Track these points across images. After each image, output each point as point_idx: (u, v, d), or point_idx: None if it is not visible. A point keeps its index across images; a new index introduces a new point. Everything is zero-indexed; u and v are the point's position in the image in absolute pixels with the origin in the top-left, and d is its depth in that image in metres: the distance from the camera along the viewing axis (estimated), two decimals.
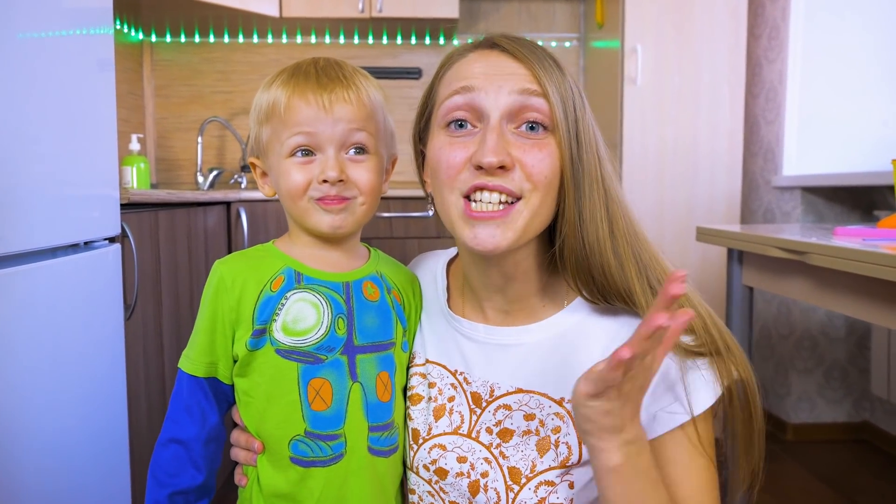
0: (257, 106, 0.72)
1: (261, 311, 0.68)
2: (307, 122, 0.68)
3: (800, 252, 1.14)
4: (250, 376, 0.69)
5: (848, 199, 2.41)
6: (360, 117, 0.69)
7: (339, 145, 0.69)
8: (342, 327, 0.69)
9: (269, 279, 0.69)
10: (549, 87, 0.64)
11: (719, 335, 0.67)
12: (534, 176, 0.64)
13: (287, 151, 0.69)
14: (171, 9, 2.40)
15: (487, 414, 0.71)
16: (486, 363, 0.73)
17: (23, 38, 0.95)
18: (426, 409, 0.74)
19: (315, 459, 0.68)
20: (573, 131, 0.65)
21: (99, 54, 1.19)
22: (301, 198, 0.69)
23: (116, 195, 1.21)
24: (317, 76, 0.69)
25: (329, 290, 0.70)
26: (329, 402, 0.68)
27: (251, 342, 0.68)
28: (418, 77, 2.88)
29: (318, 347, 0.68)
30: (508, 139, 0.64)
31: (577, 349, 0.69)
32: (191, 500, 0.71)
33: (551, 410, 0.69)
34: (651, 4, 2.37)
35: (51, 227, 1.02)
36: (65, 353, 1.04)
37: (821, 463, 2.29)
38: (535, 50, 0.67)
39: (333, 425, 0.68)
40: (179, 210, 1.61)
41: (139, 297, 1.32)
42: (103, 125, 1.19)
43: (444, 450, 0.72)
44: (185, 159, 2.86)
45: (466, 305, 0.77)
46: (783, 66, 2.47)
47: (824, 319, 2.47)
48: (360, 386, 0.69)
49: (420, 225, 2.33)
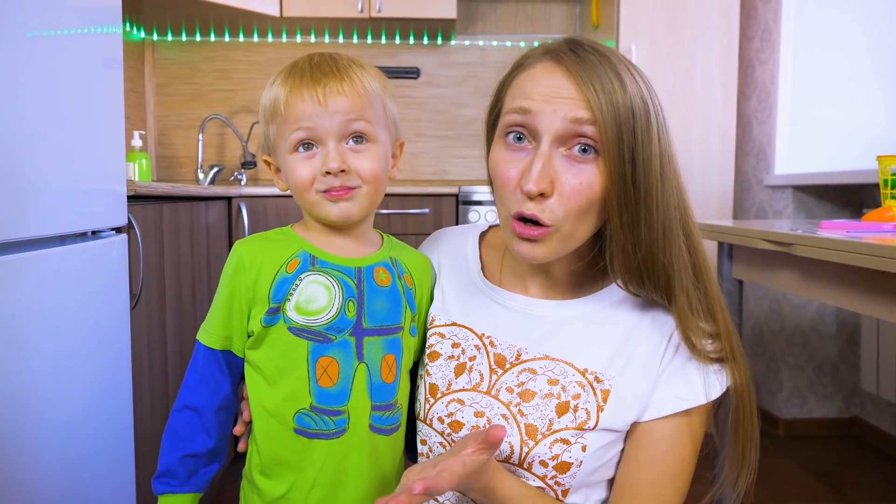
0: (262, 105, 0.75)
1: (276, 291, 0.72)
2: (305, 118, 0.71)
3: (786, 244, 1.17)
4: (262, 350, 0.73)
5: (839, 198, 2.45)
6: (356, 107, 0.72)
7: (339, 136, 0.72)
8: (352, 310, 0.73)
9: (285, 261, 0.73)
10: (600, 113, 0.66)
11: (730, 344, 0.75)
12: (567, 205, 0.68)
13: (290, 147, 0.72)
14: (172, 7, 2.43)
15: (510, 375, 0.76)
16: (516, 329, 0.78)
17: (32, 36, 0.97)
18: (446, 366, 0.79)
19: (318, 432, 0.72)
20: (629, 155, 0.67)
21: (107, 52, 1.22)
22: (308, 191, 0.72)
23: (123, 187, 1.24)
24: (311, 72, 0.72)
25: (341, 273, 0.74)
26: (335, 380, 0.71)
27: (266, 319, 0.72)
28: (416, 76, 2.92)
29: (328, 328, 0.71)
30: (554, 164, 0.69)
31: (604, 328, 0.76)
32: (201, 463, 0.74)
33: (574, 379, 0.74)
34: (645, 6, 2.41)
35: (60, 216, 1.05)
36: (72, 338, 1.07)
37: (812, 457, 2.33)
38: (597, 68, 0.68)
39: (338, 401, 0.72)
40: (182, 204, 1.64)
41: (144, 286, 1.35)
42: (111, 120, 1.22)
43: (462, 404, 0.77)
44: (185, 156, 2.89)
45: (505, 276, 0.82)
46: (775, 67, 2.52)
47: (815, 316, 2.51)
48: (366, 366, 0.73)
49: (418, 221, 2.36)
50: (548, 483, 0.73)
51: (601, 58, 0.69)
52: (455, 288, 0.84)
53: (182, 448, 0.73)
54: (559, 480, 0.72)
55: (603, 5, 2.60)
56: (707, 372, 0.73)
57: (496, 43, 2.95)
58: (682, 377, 0.73)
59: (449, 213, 2.37)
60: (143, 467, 1.36)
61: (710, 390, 0.73)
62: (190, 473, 0.73)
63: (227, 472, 1.98)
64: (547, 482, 0.73)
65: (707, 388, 0.73)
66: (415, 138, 2.92)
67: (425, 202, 2.35)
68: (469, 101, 2.96)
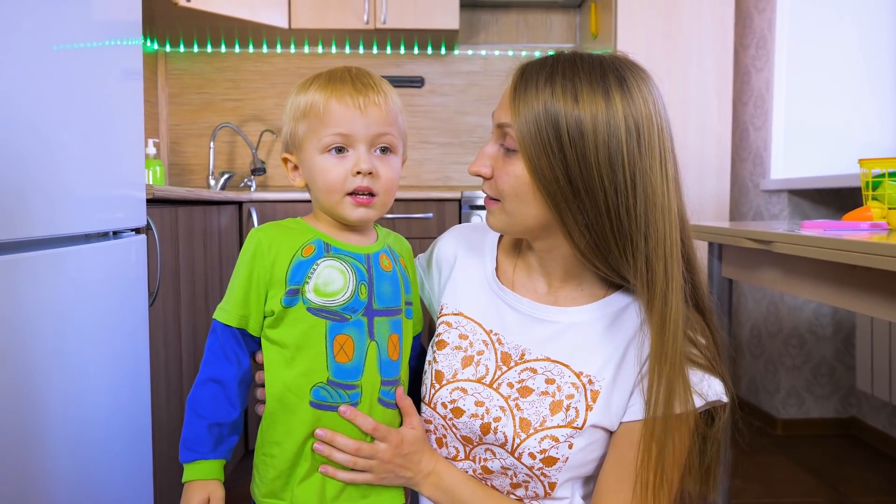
0: (294, 105, 0.81)
1: (293, 274, 0.78)
2: (344, 121, 0.78)
3: (767, 241, 1.24)
4: (282, 328, 0.79)
5: (833, 202, 2.50)
6: (387, 120, 0.80)
7: (370, 144, 0.79)
8: (364, 292, 0.79)
9: (300, 246, 0.80)
10: (519, 117, 0.74)
11: (715, 355, 0.79)
12: (497, 186, 0.79)
13: (323, 147, 0.78)
14: (185, 20, 2.52)
15: (513, 372, 0.82)
16: (522, 331, 0.84)
17: (58, 49, 1.03)
18: (453, 356, 0.85)
19: (333, 405, 0.78)
20: (551, 154, 0.72)
21: (128, 64, 1.27)
22: (336, 191, 0.79)
23: (142, 191, 1.31)
24: (352, 81, 0.79)
25: (353, 259, 0.81)
26: (351, 356, 0.78)
27: (286, 300, 0.78)
28: (420, 85, 2.99)
29: (345, 308, 0.78)
30: (493, 153, 0.80)
31: (603, 336, 0.81)
32: (224, 433, 0.81)
33: (570, 380, 0.80)
34: (642, 15, 2.48)
35: (86, 217, 1.11)
36: (93, 331, 1.13)
37: (808, 456, 2.36)
38: (539, 81, 0.74)
39: (353, 376, 0.78)
40: (196, 208, 1.72)
41: (161, 284, 1.42)
42: (131, 129, 1.27)
43: (465, 393, 0.82)
44: (197, 164, 2.97)
45: (517, 279, 0.88)
46: (770, 74, 2.57)
47: (811, 318, 2.55)
48: (376, 344, 0.80)
49: (422, 225, 2.43)
50: (535, 473, 0.79)
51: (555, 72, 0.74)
52: (468, 282, 0.90)
53: (209, 417, 0.79)
54: (545, 472, 0.78)
55: (601, 15, 2.67)
56: (699, 378, 0.76)
57: (498, 52, 3.03)
58: None
59: (452, 217, 2.44)
60: (160, 461, 1.41)
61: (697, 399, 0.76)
62: (217, 441, 0.79)
63: (234, 470, 2.04)
64: (534, 472, 0.79)
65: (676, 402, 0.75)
66: (419, 145, 3.00)
67: (429, 207, 2.42)
68: (472, 109, 3.03)
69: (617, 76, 0.74)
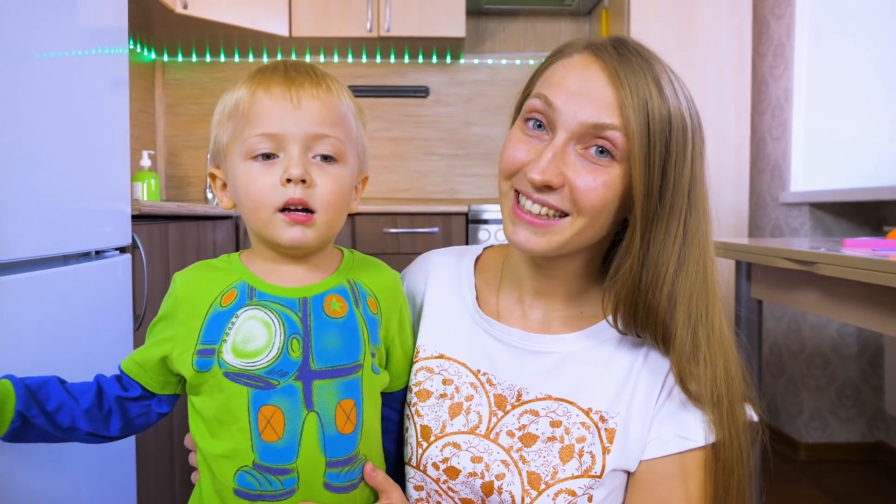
0: (219, 108, 0.67)
1: (208, 329, 0.63)
2: (273, 119, 0.62)
3: (809, 262, 1.13)
4: (201, 397, 0.65)
5: (857, 215, 2.41)
6: (329, 119, 0.64)
7: (305, 146, 0.63)
8: (296, 349, 0.63)
9: (220, 293, 0.64)
10: (633, 121, 0.62)
11: (726, 388, 0.67)
12: (579, 201, 0.65)
13: (247, 152, 0.63)
14: (182, 28, 2.45)
15: (511, 417, 0.71)
16: (515, 367, 0.72)
17: (40, 57, 0.97)
18: (439, 406, 0.73)
19: (262, 493, 0.62)
20: (658, 168, 0.63)
21: (114, 73, 1.21)
22: (263, 207, 0.63)
23: (128, 206, 1.23)
24: (285, 71, 0.64)
25: (282, 306, 0.64)
26: (281, 433, 0.62)
27: (198, 362, 0.63)
28: (425, 95, 2.91)
29: (269, 371, 0.62)
30: (567, 159, 0.65)
31: (605, 365, 0.70)
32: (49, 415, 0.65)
33: (578, 419, 0.69)
34: (655, 22, 2.40)
35: (63, 236, 1.03)
36: (73, 361, 1.05)
37: (835, 483, 2.26)
38: (638, 72, 0.64)
39: (285, 458, 0.62)
40: (189, 223, 1.63)
41: (148, 307, 1.33)
42: (117, 140, 1.21)
43: (458, 448, 0.71)
44: (194, 176, 2.89)
45: (502, 307, 0.76)
46: (789, 82, 2.49)
47: (836, 336, 2.45)
48: (317, 416, 0.63)
49: (427, 241, 2.33)
50: None
51: (644, 62, 0.65)
52: (445, 317, 0.77)
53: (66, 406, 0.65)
54: None
55: (613, 23, 2.59)
56: (700, 418, 0.68)
57: (505, 61, 2.94)
58: (673, 421, 0.68)
59: (459, 232, 2.34)
60: (146, 492, 1.33)
61: (704, 435, 0.67)
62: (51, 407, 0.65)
63: None
64: None
65: (702, 432, 0.67)
66: (424, 157, 2.91)
67: (435, 221, 2.33)
68: (478, 119, 2.94)
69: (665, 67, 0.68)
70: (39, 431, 0.66)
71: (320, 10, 2.52)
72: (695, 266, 0.66)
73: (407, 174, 2.87)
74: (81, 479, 1.05)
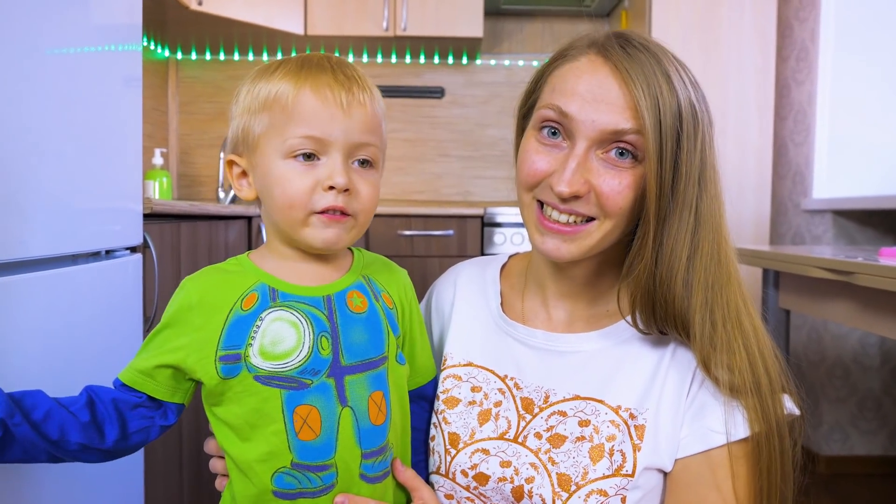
0: (252, 95, 0.63)
1: (230, 334, 0.61)
2: (319, 122, 0.60)
3: (846, 272, 1.09)
4: (227, 405, 0.63)
5: (881, 224, 2.35)
6: (371, 127, 0.63)
7: (348, 153, 0.62)
8: (326, 347, 0.62)
9: (239, 296, 0.63)
10: (647, 121, 0.62)
11: (765, 376, 0.66)
12: (606, 206, 0.65)
13: (288, 150, 0.61)
14: (196, 26, 2.43)
15: (539, 419, 0.70)
16: (541, 369, 0.72)
17: (51, 53, 0.95)
18: (467, 413, 0.73)
19: (303, 491, 0.62)
20: (670, 164, 0.63)
21: (127, 71, 1.19)
22: (299, 207, 0.61)
23: (139, 205, 1.20)
24: (333, 71, 0.62)
25: (308, 306, 0.63)
26: (318, 431, 0.61)
27: (224, 369, 0.61)
28: (441, 96, 2.88)
29: (302, 371, 0.61)
30: (590, 165, 0.65)
31: (633, 361, 0.70)
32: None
33: (607, 418, 0.68)
34: (677, 24, 2.35)
35: (73, 235, 1.00)
36: (81, 363, 1.02)
37: (856, 498, 2.21)
38: (646, 67, 0.63)
39: (323, 455, 0.62)
40: (201, 223, 1.60)
41: (159, 308, 1.30)
42: (129, 138, 1.19)
43: (487, 454, 0.70)
44: (207, 175, 2.87)
45: (527, 310, 0.76)
46: (812, 87, 2.43)
47: (857, 347, 2.40)
48: (351, 410, 0.63)
49: (442, 243, 2.30)
50: None
51: (651, 57, 0.64)
52: (472, 325, 0.78)
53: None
54: None
55: (633, 24, 2.55)
56: (732, 408, 0.65)
57: (522, 63, 2.90)
58: (705, 416, 0.66)
59: (474, 235, 2.30)
60: (153, 496, 1.30)
61: (734, 429, 0.65)
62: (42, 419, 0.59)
63: None
64: None
65: (735, 426, 0.65)
66: (439, 159, 2.88)
67: (449, 224, 2.29)
68: (494, 121, 2.91)
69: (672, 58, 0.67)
70: (22, 445, 0.59)
71: (336, 8, 2.49)
72: (708, 248, 0.65)
73: (421, 176, 2.83)
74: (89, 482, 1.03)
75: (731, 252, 0.68)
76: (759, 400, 0.64)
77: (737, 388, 0.64)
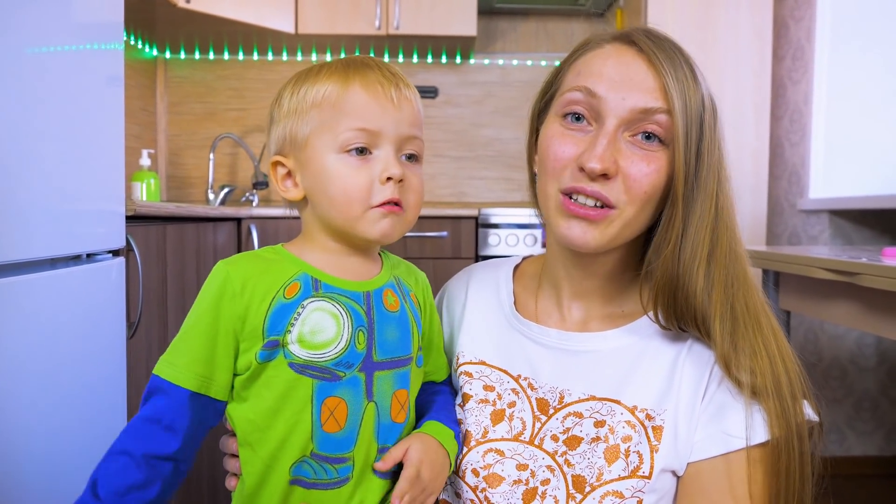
0: (298, 100, 0.64)
1: (273, 321, 0.61)
2: (372, 115, 0.62)
3: (850, 273, 1.06)
4: (255, 388, 0.62)
5: (878, 223, 2.34)
6: (417, 121, 0.66)
7: (398, 146, 0.64)
8: (362, 342, 0.63)
9: (282, 285, 0.63)
10: (676, 102, 0.63)
11: (786, 379, 0.65)
12: (633, 189, 0.64)
13: (342, 144, 0.62)
14: (185, 25, 2.38)
15: (555, 421, 0.69)
16: (556, 369, 0.71)
17: (31, 52, 0.93)
18: (479, 410, 0.72)
19: (318, 482, 0.62)
20: (694, 149, 0.64)
21: (109, 70, 1.16)
22: (359, 202, 0.63)
23: (122, 207, 1.16)
24: (379, 68, 0.65)
25: (349, 299, 0.64)
26: (343, 424, 0.62)
27: (262, 354, 0.61)
28: (434, 96, 2.85)
29: (337, 363, 0.62)
30: (619, 146, 0.65)
31: (649, 361, 0.69)
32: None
33: (623, 418, 0.67)
34: (673, 23, 2.33)
35: (52, 238, 0.97)
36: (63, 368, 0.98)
37: (853, 499, 2.19)
38: (672, 57, 0.65)
39: (344, 448, 0.62)
40: (188, 225, 1.56)
41: (143, 314, 1.26)
42: (111, 138, 1.16)
43: (503, 456, 0.69)
44: (196, 176, 2.82)
45: (541, 310, 0.76)
46: (808, 87, 2.42)
47: (854, 348, 2.39)
48: (375, 406, 0.64)
49: (436, 245, 2.26)
50: None
51: (675, 47, 0.66)
52: (484, 325, 0.77)
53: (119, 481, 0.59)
54: None
55: (629, 22, 2.53)
56: (753, 411, 0.64)
57: (516, 62, 2.88)
58: (721, 418, 0.65)
59: (468, 236, 2.27)
60: None
61: (753, 433, 0.63)
62: None
63: None
64: None
65: (753, 429, 0.63)
66: (433, 159, 2.84)
67: (444, 225, 2.26)
68: (488, 121, 2.88)
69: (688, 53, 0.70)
70: None
71: (328, 6, 2.45)
72: (726, 245, 0.65)
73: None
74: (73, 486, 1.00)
75: (745, 253, 0.68)
76: (780, 403, 0.63)
77: (758, 391, 0.63)
